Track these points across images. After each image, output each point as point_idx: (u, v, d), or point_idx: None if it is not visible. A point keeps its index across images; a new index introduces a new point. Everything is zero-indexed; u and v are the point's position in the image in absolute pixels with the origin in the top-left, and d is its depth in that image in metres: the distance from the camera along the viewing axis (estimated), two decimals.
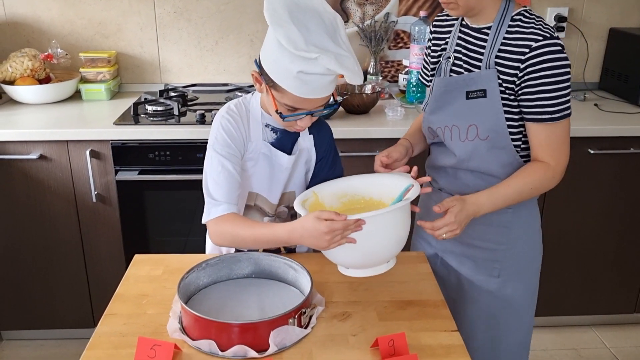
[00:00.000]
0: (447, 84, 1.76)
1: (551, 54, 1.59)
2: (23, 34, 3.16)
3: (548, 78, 1.60)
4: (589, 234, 2.91)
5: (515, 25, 1.65)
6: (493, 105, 1.68)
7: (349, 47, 1.52)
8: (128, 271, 1.74)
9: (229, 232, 1.58)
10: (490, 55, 1.67)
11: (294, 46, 1.43)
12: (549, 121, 1.64)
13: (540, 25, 1.63)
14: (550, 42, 1.60)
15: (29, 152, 2.62)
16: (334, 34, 1.51)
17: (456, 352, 1.40)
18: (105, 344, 1.42)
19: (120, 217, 2.75)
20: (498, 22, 1.67)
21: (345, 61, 1.47)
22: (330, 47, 1.47)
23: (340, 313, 1.54)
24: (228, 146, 1.64)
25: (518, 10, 1.68)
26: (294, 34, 1.44)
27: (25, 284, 2.86)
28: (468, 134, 1.73)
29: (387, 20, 3.21)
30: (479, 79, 1.69)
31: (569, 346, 3.06)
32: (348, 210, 1.69)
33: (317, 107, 1.58)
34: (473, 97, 1.70)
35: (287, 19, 1.46)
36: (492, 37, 1.67)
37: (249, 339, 1.37)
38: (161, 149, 2.63)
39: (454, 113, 1.75)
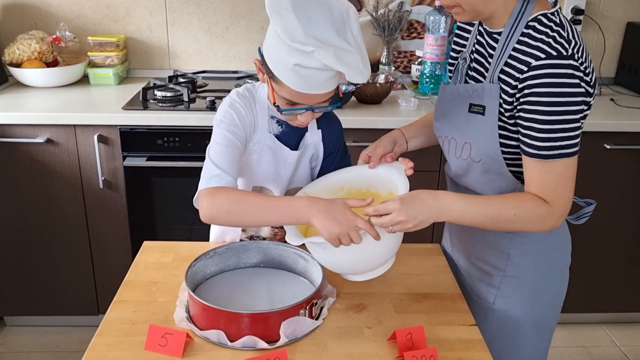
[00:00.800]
0: (450, 92, 1.58)
1: (551, 78, 1.31)
2: (30, 15, 3.12)
3: (542, 106, 1.32)
4: (603, 230, 2.87)
5: (527, 34, 1.37)
6: (489, 127, 1.45)
7: (359, 42, 1.42)
8: (137, 258, 1.71)
9: (230, 199, 1.42)
10: (496, 67, 1.42)
11: (290, 37, 1.34)
12: (538, 158, 1.36)
13: (553, 38, 1.33)
14: (555, 62, 1.31)
15: (36, 135, 2.58)
16: (342, 27, 1.41)
17: (476, 346, 1.36)
18: (114, 330, 1.38)
19: (127, 204, 2.71)
20: (510, 28, 1.40)
21: (347, 57, 1.37)
22: (333, 40, 1.37)
23: (355, 305, 1.50)
24: (235, 125, 1.55)
25: (536, 14, 1.38)
26: (292, 25, 1.35)
27: (30, 269, 2.83)
28: (462, 152, 1.54)
29: (401, 9, 3.16)
30: (481, 93, 1.46)
31: (579, 344, 3.03)
32: None
33: (318, 103, 1.49)
34: (473, 111, 1.49)
35: (288, 7, 1.36)
36: (501, 47, 1.42)
37: (259, 330, 1.33)
38: (170, 135, 2.60)
39: (454, 124, 1.56)
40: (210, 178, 1.45)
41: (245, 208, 1.41)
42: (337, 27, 1.39)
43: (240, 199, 1.43)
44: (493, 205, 1.41)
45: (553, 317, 1.67)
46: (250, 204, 1.41)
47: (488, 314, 1.61)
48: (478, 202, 1.42)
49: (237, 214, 1.42)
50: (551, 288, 1.63)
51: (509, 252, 1.56)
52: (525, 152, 1.39)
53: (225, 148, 1.51)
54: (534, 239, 1.54)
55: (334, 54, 1.34)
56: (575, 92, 1.31)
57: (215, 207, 1.42)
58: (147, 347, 1.31)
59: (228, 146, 1.51)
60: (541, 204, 1.39)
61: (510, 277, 1.58)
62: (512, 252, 1.56)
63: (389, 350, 1.33)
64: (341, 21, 1.41)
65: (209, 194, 1.43)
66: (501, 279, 1.59)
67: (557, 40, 1.33)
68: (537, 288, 1.59)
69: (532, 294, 1.59)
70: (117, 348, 1.33)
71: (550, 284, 1.62)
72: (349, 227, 1.32)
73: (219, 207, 1.42)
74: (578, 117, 1.33)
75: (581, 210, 1.60)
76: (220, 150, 1.50)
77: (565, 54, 1.31)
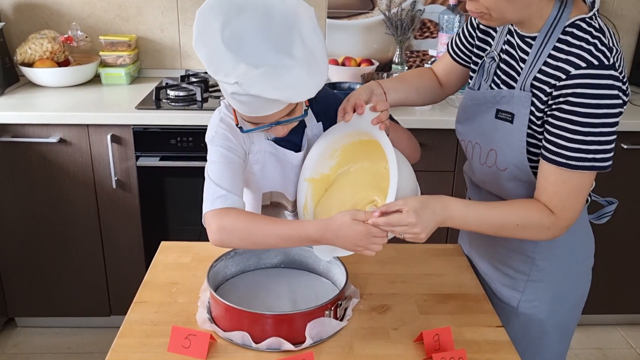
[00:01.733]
0: (475, 97, 1.51)
1: (590, 88, 1.24)
2: (42, 15, 3.10)
3: (577, 116, 1.26)
4: (619, 231, 2.85)
5: (565, 40, 1.30)
6: (517, 135, 1.40)
7: (310, 46, 1.28)
8: (155, 258, 1.70)
9: (241, 226, 1.34)
10: (529, 75, 1.36)
11: (214, 70, 1.25)
12: (563, 167, 1.31)
13: (594, 45, 1.26)
14: (596, 72, 1.24)
15: (49, 135, 2.56)
16: (285, 35, 1.27)
17: (503, 348, 1.34)
18: (136, 332, 1.37)
19: (139, 204, 2.69)
20: (545, 33, 1.33)
21: (284, 76, 1.24)
22: (269, 58, 1.24)
23: (379, 306, 1.48)
24: (228, 139, 1.45)
25: (574, 19, 1.30)
26: (218, 55, 1.24)
27: (41, 270, 2.82)
28: (487, 159, 1.49)
29: (413, 8, 3.14)
30: (510, 100, 1.40)
31: (594, 345, 3.00)
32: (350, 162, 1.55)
33: (278, 119, 1.37)
34: (501, 117, 1.43)
35: (216, 31, 1.25)
36: (535, 53, 1.35)
37: (283, 331, 1.32)
38: (183, 135, 2.58)
39: (480, 130, 1.50)
40: (214, 199, 1.37)
41: (258, 236, 1.35)
42: (276, 38, 1.26)
43: (253, 226, 1.35)
44: (497, 214, 1.37)
45: (575, 319, 1.65)
46: (263, 232, 1.34)
47: (511, 318, 1.58)
48: (481, 211, 1.38)
49: (250, 240, 1.36)
50: (575, 291, 1.60)
51: (534, 257, 1.53)
52: (548, 158, 1.33)
53: (224, 166, 1.42)
54: (559, 242, 1.50)
55: (261, 80, 1.23)
56: (613, 103, 1.25)
57: (226, 231, 1.35)
58: (170, 349, 1.30)
59: (226, 163, 1.43)
60: (547, 215, 1.35)
61: (535, 282, 1.55)
62: (538, 256, 1.52)
63: (415, 352, 1.31)
64: (284, 28, 1.27)
65: (217, 216, 1.35)
66: (525, 283, 1.56)
67: (599, 48, 1.26)
68: (562, 292, 1.57)
69: (557, 297, 1.57)
70: (139, 350, 1.31)
71: (575, 287, 1.60)
72: (367, 243, 1.29)
73: (229, 232, 1.35)
74: (615, 129, 1.28)
75: (603, 209, 1.58)
76: (219, 169, 1.42)
77: (607, 64, 1.24)
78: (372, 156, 1.48)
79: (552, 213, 1.35)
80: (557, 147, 1.31)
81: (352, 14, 3.18)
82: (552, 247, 1.51)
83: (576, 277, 1.59)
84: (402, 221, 1.27)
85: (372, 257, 1.64)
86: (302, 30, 1.28)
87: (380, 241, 1.30)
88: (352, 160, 1.53)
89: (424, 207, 1.30)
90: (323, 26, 3.18)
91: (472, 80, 1.57)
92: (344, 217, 1.30)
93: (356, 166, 1.53)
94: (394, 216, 1.27)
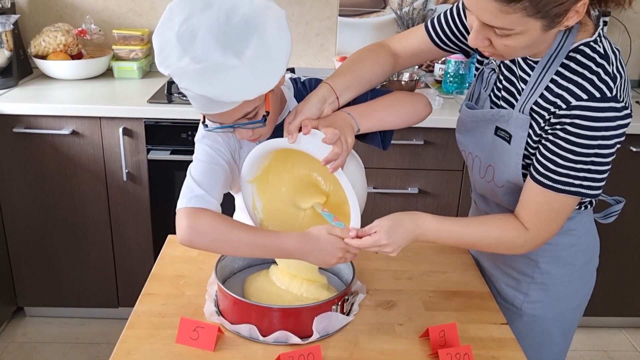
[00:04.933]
0: (474, 115, 1.48)
1: (588, 121, 1.22)
2: (56, 8, 3.13)
3: (571, 144, 1.25)
4: (626, 234, 2.85)
5: (568, 66, 1.27)
6: (514, 157, 1.38)
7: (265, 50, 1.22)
8: (163, 251, 1.71)
9: (213, 228, 1.31)
10: (529, 99, 1.33)
11: (159, 61, 1.22)
12: (549, 189, 1.30)
13: (597, 74, 1.23)
14: (597, 105, 1.21)
15: (62, 127, 2.59)
16: (241, 36, 1.22)
17: (508, 345, 1.35)
18: (145, 323, 1.39)
19: (150, 197, 2.72)
20: (548, 59, 1.29)
21: (220, 76, 1.19)
22: (213, 55, 1.19)
23: (385, 301, 1.49)
24: (217, 142, 1.42)
25: (578, 43, 1.26)
26: (166, 46, 1.22)
27: (51, 260, 2.85)
28: (486, 174, 1.48)
29: (425, 7, 3.14)
30: (509, 120, 1.38)
31: (598, 348, 3.00)
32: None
33: (236, 121, 1.31)
34: (499, 135, 1.41)
35: (175, 25, 1.22)
36: (537, 76, 1.31)
37: (290, 325, 1.33)
38: (194, 129, 2.58)
39: (479, 143, 1.49)
40: (191, 198, 1.33)
41: (231, 241, 1.32)
42: (229, 37, 1.21)
43: (226, 230, 1.32)
44: (469, 232, 1.39)
45: (578, 318, 1.65)
46: (237, 237, 1.32)
47: (514, 318, 1.58)
48: (454, 229, 1.39)
49: (222, 244, 1.34)
50: (579, 292, 1.60)
51: (538, 260, 1.53)
52: (535, 178, 1.32)
53: (207, 165, 1.39)
54: (563, 246, 1.51)
55: (193, 76, 1.19)
56: (610, 135, 1.23)
57: (197, 232, 1.31)
58: (179, 341, 1.31)
59: (211, 164, 1.40)
60: (522, 234, 1.36)
61: (539, 284, 1.55)
62: (541, 259, 1.52)
63: (421, 347, 1.33)
64: (242, 28, 1.22)
65: (190, 215, 1.31)
66: (529, 285, 1.56)
67: (602, 78, 1.23)
68: (566, 293, 1.57)
69: (561, 299, 1.57)
70: (148, 341, 1.33)
71: (579, 288, 1.59)
72: (343, 256, 1.34)
73: (201, 233, 1.31)
74: (608, 160, 1.26)
75: (610, 208, 1.58)
76: (202, 168, 1.39)
77: (609, 95, 1.22)
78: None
79: (527, 231, 1.35)
80: (546, 169, 1.30)
81: (364, 12, 3.18)
82: (556, 250, 1.51)
83: (581, 278, 1.59)
84: (375, 243, 1.31)
85: (378, 254, 1.65)
86: (263, 32, 1.23)
87: (352, 256, 1.36)
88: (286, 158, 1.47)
89: (397, 226, 1.33)
90: (334, 24, 3.19)
91: (469, 89, 1.56)
92: (320, 231, 1.32)
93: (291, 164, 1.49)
94: (367, 239, 1.31)
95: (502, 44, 1.21)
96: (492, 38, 1.22)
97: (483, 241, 1.39)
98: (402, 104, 1.49)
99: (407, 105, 1.49)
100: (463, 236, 1.39)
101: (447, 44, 1.54)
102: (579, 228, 1.51)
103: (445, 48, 1.55)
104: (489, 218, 1.43)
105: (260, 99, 1.29)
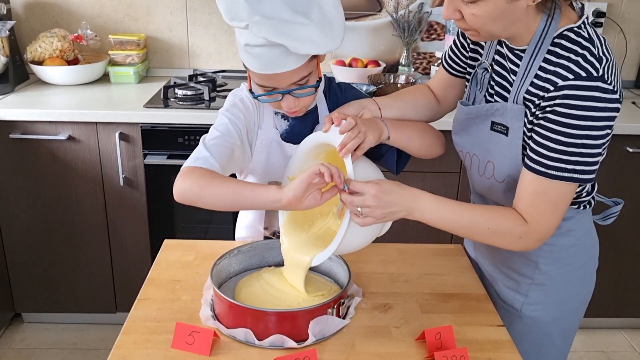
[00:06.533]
0: (469, 112, 1.50)
1: (576, 100, 1.24)
2: (52, 14, 3.13)
3: (561, 126, 1.26)
4: (623, 234, 2.85)
5: (554, 52, 1.30)
6: (513, 149, 1.39)
7: (329, 16, 1.35)
8: (159, 256, 1.71)
9: (203, 179, 1.37)
10: (520, 88, 1.35)
11: (230, 16, 1.32)
12: (543, 176, 1.30)
13: (582, 57, 1.26)
14: (583, 84, 1.23)
15: (58, 132, 2.59)
16: (305, 2, 1.33)
17: (504, 347, 1.35)
18: (140, 328, 1.38)
19: (147, 202, 2.71)
20: (534, 47, 1.32)
21: (294, 30, 1.30)
22: (283, 15, 1.31)
23: (381, 304, 1.49)
24: (237, 117, 1.52)
25: (562, 29, 1.30)
26: (235, 6, 1.31)
27: (49, 266, 2.84)
28: (486, 171, 1.48)
29: (421, 10, 3.15)
30: (504, 112, 1.39)
31: (598, 349, 3.00)
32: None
33: (290, 86, 1.42)
34: (496, 130, 1.42)
35: None
36: (525, 65, 1.34)
37: (286, 329, 1.33)
38: (190, 134, 2.60)
39: (476, 141, 1.50)
40: (197, 158, 1.42)
41: (214, 191, 1.36)
42: (293, 2, 1.32)
43: (211, 182, 1.36)
44: (468, 214, 1.36)
45: (578, 320, 1.65)
46: (220, 187, 1.36)
47: (514, 320, 1.58)
48: (454, 209, 1.36)
49: (206, 195, 1.37)
50: (579, 293, 1.60)
51: (537, 261, 1.53)
52: (529, 166, 1.32)
53: (222, 136, 1.49)
54: (562, 246, 1.51)
55: (271, 27, 1.29)
56: (599, 116, 1.24)
57: (186, 186, 1.38)
58: (174, 345, 1.31)
59: (225, 135, 1.49)
60: (520, 224, 1.33)
61: (538, 285, 1.55)
62: (541, 260, 1.52)
63: (417, 350, 1.32)
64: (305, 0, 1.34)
65: (186, 172, 1.40)
66: (529, 286, 1.56)
67: (587, 59, 1.25)
68: (565, 295, 1.57)
69: (560, 300, 1.57)
70: (143, 346, 1.32)
71: (578, 290, 1.59)
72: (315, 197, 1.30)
73: (189, 187, 1.37)
74: (599, 142, 1.27)
75: (608, 209, 1.58)
76: (216, 137, 1.48)
77: (595, 75, 1.24)
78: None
79: (526, 222, 1.33)
80: (539, 155, 1.30)
81: (360, 15, 3.19)
82: (555, 251, 1.51)
83: (580, 280, 1.59)
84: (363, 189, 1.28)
85: (374, 257, 1.66)
86: (322, 4, 1.35)
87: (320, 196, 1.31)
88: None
89: (390, 188, 1.31)
90: None
91: (466, 92, 1.58)
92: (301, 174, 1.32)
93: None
94: (358, 199, 1.28)
95: (470, 14, 1.27)
96: (461, 8, 1.28)
97: (481, 224, 1.35)
98: (430, 133, 1.61)
99: (432, 137, 1.61)
100: (461, 218, 1.36)
101: (458, 70, 1.61)
102: (578, 229, 1.51)
103: (458, 75, 1.62)
104: (489, 206, 1.42)
105: (312, 67, 1.42)
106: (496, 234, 1.36)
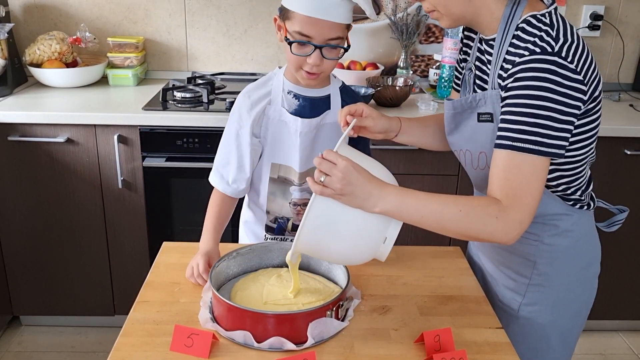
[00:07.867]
0: (453, 106, 1.53)
1: (531, 72, 1.27)
2: (51, 16, 3.13)
3: (518, 98, 1.28)
4: (622, 237, 2.84)
5: (517, 35, 1.35)
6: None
7: None
8: (157, 258, 1.71)
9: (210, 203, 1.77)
10: (494, 73, 1.40)
11: None
12: (510, 149, 1.28)
13: (541, 36, 1.30)
14: (537, 57, 1.27)
15: (56, 135, 2.59)
16: None
17: (503, 349, 1.35)
18: (139, 331, 1.38)
19: (145, 204, 2.71)
20: (502, 33, 1.38)
21: None
22: None
23: (380, 307, 1.49)
24: (239, 120, 1.69)
25: (525, 16, 1.35)
26: None
27: (47, 269, 2.84)
28: (479, 162, 1.49)
29: (419, 13, 3.15)
30: (486, 100, 1.42)
31: (596, 351, 3.00)
32: None
33: (325, 41, 1.51)
34: (483, 120, 1.44)
35: None
36: (496, 52, 1.39)
37: (285, 331, 1.32)
38: (189, 136, 2.60)
39: (467, 136, 1.51)
40: (221, 178, 1.74)
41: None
42: None
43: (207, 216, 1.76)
44: (437, 201, 1.30)
45: (578, 326, 1.64)
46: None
47: (511, 321, 1.58)
48: (420, 197, 1.30)
49: None
50: (578, 297, 1.59)
51: (535, 260, 1.53)
52: (497, 144, 1.32)
53: (232, 142, 1.70)
54: (560, 247, 1.51)
55: None
56: (556, 89, 1.26)
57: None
58: (173, 348, 1.30)
59: (234, 141, 1.70)
60: (494, 202, 1.28)
61: (536, 286, 1.55)
62: (539, 260, 1.52)
63: (416, 352, 1.32)
64: None
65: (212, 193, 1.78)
66: (526, 286, 1.56)
67: (544, 39, 1.29)
68: (564, 298, 1.56)
69: (559, 303, 1.56)
70: (142, 348, 1.32)
71: (578, 294, 1.58)
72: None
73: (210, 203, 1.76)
74: (562, 117, 1.27)
75: (613, 217, 1.58)
76: (227, 144, 1.72)
77: (550, 51, 1.27)
78: None
79: (499, 201, 1.28)
80: (504, 130, 1.30)
81: (358, 18, 3.19)
82: (553, 251, 1.51)
83: (579, 283, 1.58)
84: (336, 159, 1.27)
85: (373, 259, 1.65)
86: None
87: None
88: None
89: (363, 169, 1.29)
90: None
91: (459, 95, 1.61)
92: None
93: None
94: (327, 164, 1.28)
95: None
96: None
97: (452, 209, 1.28)
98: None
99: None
100: (429, 203, 1.30)
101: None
102: (577, 230, 1.51)
103: None
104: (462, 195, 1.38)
105: (345, 33, 1.56)
106: (470, 217, 1.28)
